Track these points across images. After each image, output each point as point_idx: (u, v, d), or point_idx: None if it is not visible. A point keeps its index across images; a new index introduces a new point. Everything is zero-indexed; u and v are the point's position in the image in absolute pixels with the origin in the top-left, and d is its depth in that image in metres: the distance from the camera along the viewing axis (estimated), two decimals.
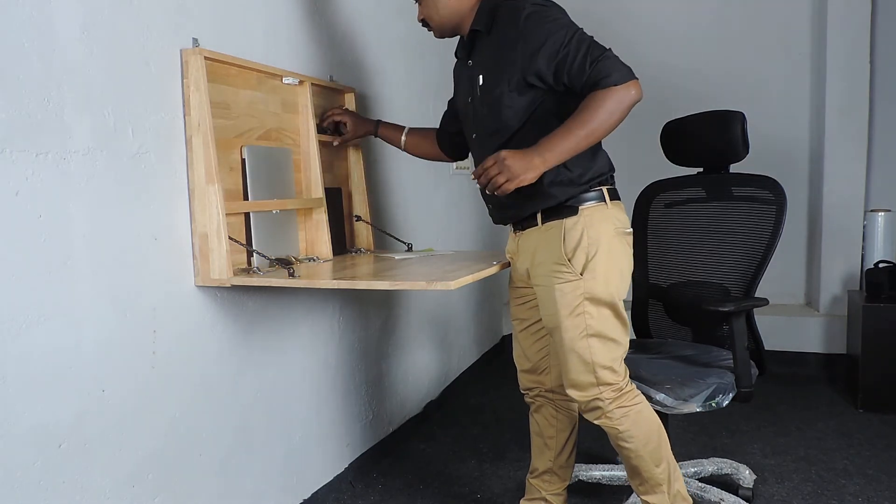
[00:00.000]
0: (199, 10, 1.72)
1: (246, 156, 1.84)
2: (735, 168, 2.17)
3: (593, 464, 2.39)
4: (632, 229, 1.80)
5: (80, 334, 1.43)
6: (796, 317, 3.71)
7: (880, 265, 3.20)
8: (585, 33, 1.63)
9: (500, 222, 1.91)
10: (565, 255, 1.70)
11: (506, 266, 1.89)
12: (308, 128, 2.06)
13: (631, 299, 2.32)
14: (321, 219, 2.06)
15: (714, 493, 2.11)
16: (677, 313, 2.29)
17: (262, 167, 1.89)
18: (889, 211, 3.39)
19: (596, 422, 1.75)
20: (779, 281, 3.69)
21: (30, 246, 1.32)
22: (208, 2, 1.75)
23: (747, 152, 2.11)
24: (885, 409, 3.01)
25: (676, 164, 2.27)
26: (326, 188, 2.10)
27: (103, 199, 1.47)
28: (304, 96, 2.05)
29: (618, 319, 1.73)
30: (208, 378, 1.78)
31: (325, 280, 1.68)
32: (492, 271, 1.76)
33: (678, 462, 1.85)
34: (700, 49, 4.00)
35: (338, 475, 2.37)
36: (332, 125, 2.17)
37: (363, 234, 2.36)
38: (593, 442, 2.62)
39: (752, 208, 2.13)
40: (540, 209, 1.74)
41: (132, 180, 1.54)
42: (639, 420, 1.73)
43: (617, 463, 2.42)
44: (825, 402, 3.20)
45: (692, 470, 2.29)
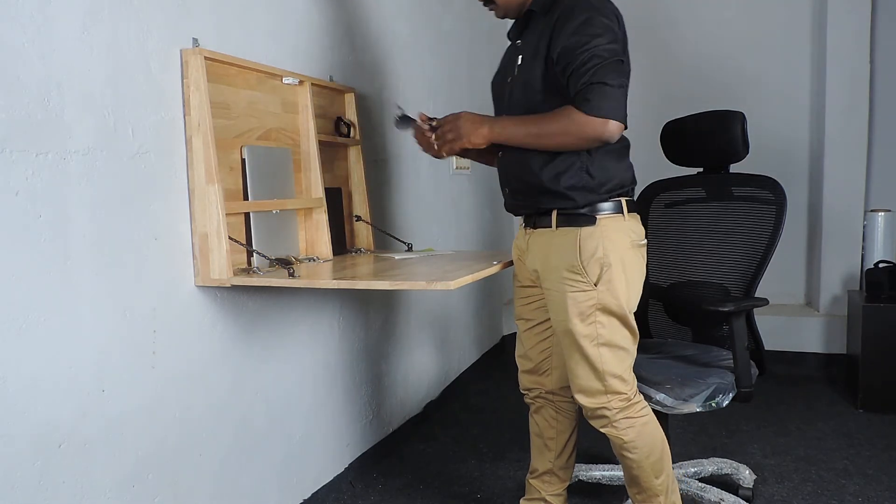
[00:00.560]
0: (200, 9, 1.72)
1: (246, 156, 1.84)
2: (735, 168, 2.17)
3: (593, 464, 2.39)
4: (646, 241, 1.80)
5: (80, 334, 1.43)
6: (796, 317, 3.71)
7: (880, 265, 3.20)
8: (613, 51, 1.59)
9: (511, 210, 1.89)
10: (580, 264, 1.69)
11: (507, 265, 1.88)
12: (308, 128, 2.06)
13: None
14: (321, 219, 2.06)
15: (714, 493, 2.11)
16: (677, 313, 2.29)
17: (262, 167, 1.89)
18: (889, 211, 3.39)
19: (601, 430, 1.75)
20: (779, 281, 3.69)
21: (30, 246, 1.32)
22: (208, 2, 1.75)
23: (747, 152, 2.11)
24: (885, 409, 3.01)
25: (676, 163, 2.27)
26: (326, 188, 2.09)
27: (103, 199, 1.47)
28: (304, 96, 2.05)
29: (627, 329, 1.73)
30: (208, 378, 1.78)
31: (325, 280, 1.68)
32: (492, 271, 1.76)
33: (678, 462, 1.85)
34: (700, 49, 3.99)
35: (338, 475, 2.37)
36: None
37: (363, 234, 2.36)
38: (593, 442, 2.62)
39: (752, 208, 2.13)
40: (555, 209, 1.73)
41: (132, 180, 1.54)
42: (644, 432, 1.72)
43: (617, 463, 2.42)
44: (825, 402, 3.20)
45: (692, 470, 2.29)
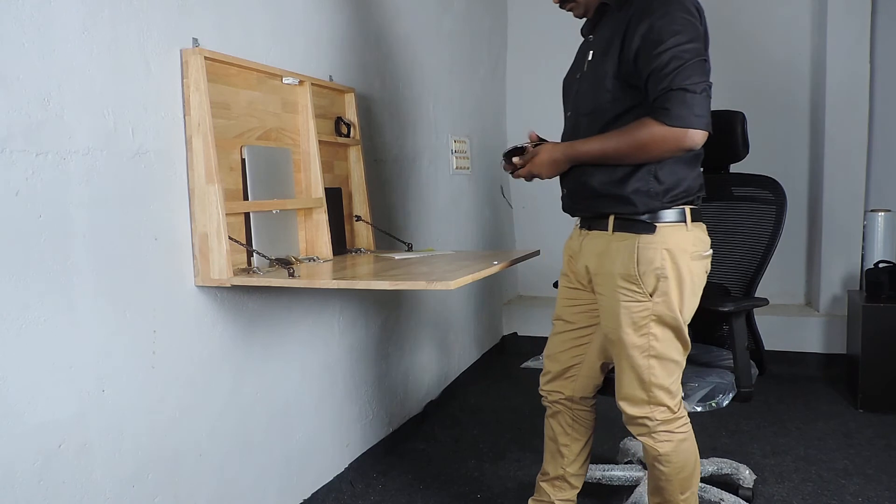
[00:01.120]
0: (200, 9, 1.72)
1: (246, 156, 1.84)
2: (735, 168, 2.17)
3: (594, 463, 2.38)
4: (711, 251, 1.70)
5: (80, 334, 1.43)
6: (796, 317, 3.71)
7: (880, 265, 3.20)
8: (695, 50, 1.51)
9: (567, 211, 1.82)
10: (636, 273, 1.61)
11: (508, 265, 1.88)
12: (308, 128, 2.06)
13: None
14: (321, 219, 2.06)
15: (714, 493, 2.11)
16: None
17: (262, 167, 1.89)
18: (889, 211, 3.39)
19: (638, 437, 1.71)
20: (779, 281, 3.69)
21: (30, 246, 1.32)
22: (208, 2, 1.75)
23: (747, 152, 2.11)
24: (885, 409, 3.01)
25: None
26: (326, 188, 2.09)
27: (103, 199, 1.47)
28: (304, 96, 2.05)
29: (680, 342, 1.66)
30: (208, 378, 1.78)
31: (325, 280, 1.68)
32: (492, 271, 1.75)
33: None
34: None
35: (338, 475, 2.37)
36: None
37: (363, 234, 2.36)
38: (594, 442, 2.62)
39: (752, 208, 2.13)
40: (614, 213, 1.66)
41: (132, 180, 1.54)
42: (680, 448, 1.68)
43: (617, 463, 2.42)
44: (825, 402, 3.20)
45: None
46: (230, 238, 1.70)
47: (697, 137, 1.50)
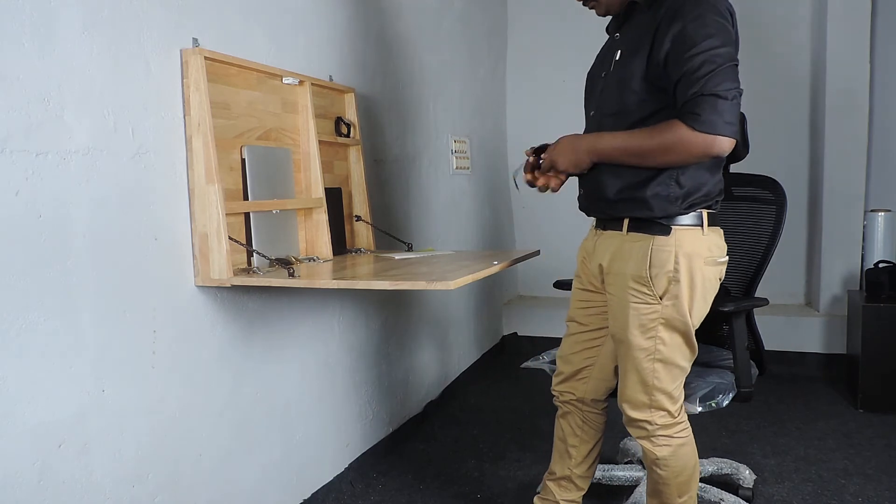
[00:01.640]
0: (200, 9, 1.72)
1: (246, 156, 1.84)
2: (735, 168, 2.17)
3: None
4: (727, 257, 1.68)
5: (80, 334, 1.43)
6: (796, 317, 3.71)
7: (880, 265, 3.20)
8: (728, 55, 1.48)
9: (584, 210, 1.79)
10: (648, 275, 1.59)
11: (508, 265, 1.88)
12: (308, 128, 2.06)
13: None
14: (321, 219, 2.06)
15: (714, 493, 2.11)
16: None
17: (262, 167, 1.89)
18: (889, 211, 3.39)
19: (637, 440, 1.71)
20: (779, 281, 3.69)
21: (30, 246, 1.32)
22: (209, 1, 1.75)
23: (747, 152, 2.10)
24: (885, 409, 3.01)
25: None
26: (326, 188, 2.10)
27: (103, 199, 1.47)
28: (304, 96, 2.05)
29: (688, 347, 1.66)
30: (208, 378, 1.78)
31: (325, 280, 1.68)
32: (492, 271, 1.75)
33: None
34: None
35: (338, 475, 2.37)
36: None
37: (363, 234, 2.36)
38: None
39: (752, 208, 2.12)
40: (630, 216, 1.64)
41: (132, 180, 1.54)
42: (678, 453, 1.68)
43: (616, 463, 2.42)
44: (825, 402, 3.20)
45: None
46: (230, 238, 1.70)
47: (725, 145, 1.47)
